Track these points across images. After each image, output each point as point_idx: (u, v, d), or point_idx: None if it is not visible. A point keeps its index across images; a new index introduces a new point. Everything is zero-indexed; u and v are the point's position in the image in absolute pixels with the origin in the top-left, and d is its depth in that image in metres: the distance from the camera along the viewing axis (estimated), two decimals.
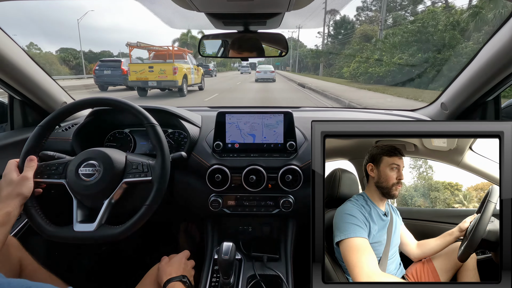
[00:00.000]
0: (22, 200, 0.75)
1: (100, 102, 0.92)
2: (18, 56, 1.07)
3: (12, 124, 1.28)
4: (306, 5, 0.83)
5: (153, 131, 0.86)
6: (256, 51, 1.05)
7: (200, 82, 13.10)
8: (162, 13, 1.16)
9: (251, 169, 1.04)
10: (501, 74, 0.95)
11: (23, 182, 0.76)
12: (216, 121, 1.10)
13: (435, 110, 1.34)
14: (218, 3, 0.78)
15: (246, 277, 0.98)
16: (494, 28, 0.90)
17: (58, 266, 1.00)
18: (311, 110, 1.67)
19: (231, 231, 1.18)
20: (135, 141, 1.25)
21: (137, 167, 0.84)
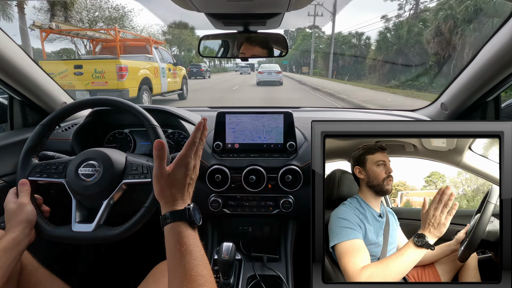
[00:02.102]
0: (27, 225, 0.74)
1: (101, 102, 0.92)
2: (18, 56, 1.07)
3: (12, 124, 1.28)
4: (306, 5, 0.83)
5: (153, 132, 0.86)
6: (256, 51, 1.05)
7: (180, 88, 8.95)
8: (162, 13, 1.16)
9: (251, 169, 1.04)
10: (501, 74, 0.95)
11: (20, 209, 0.75)
12: (216, 121, 1.10)
13: (435, 110, 1.34)
14: (218, 3, 0.78)
15: (246, 278, 0.98)
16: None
17: (57, 265, 1.01)
18: (311, 110, 1.67)
19: (231, 232, 1.18)
20: (135, 142, 1.25)
21: (137, 169, 0.84)
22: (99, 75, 6.12)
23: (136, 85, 6.56)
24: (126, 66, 6.21)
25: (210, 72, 25.25)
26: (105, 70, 6.11)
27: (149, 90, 7.09)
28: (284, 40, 1.03)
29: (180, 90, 9.04)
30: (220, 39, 1.06)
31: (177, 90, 8.89)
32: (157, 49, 8.03)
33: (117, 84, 6.13)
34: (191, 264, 0.56)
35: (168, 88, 8.19)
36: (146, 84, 6.96)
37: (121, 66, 6.12)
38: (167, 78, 8.11)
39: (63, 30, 7.39)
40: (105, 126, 1.25)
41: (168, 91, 8.29)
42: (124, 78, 6.16)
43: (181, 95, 9.22)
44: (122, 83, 6.15)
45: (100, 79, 6.13)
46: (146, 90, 6.95)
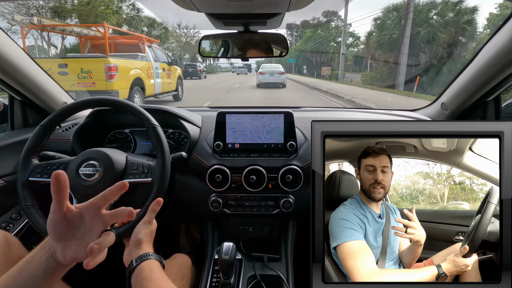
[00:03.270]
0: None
1: (101, 102, 0.92)
2: (18, 56, 1.07)
3: (13, 125, 1.28)
4: (306, 5, 0.83)
5: (154, 132, 0.86)
6: (257, 51, 1.05)
7: (174, 89, 8.42)
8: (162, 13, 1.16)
9: (252, 169, 1.04)
10: (501, 74, 0.95)
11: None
12: (217, 121, 1.10)
13: (435, 110, 1.34)
14: (218, 3, 0.78)
15: (246, 277, 0.98)
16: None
17: None
18: (311, 110, 1.67)
19: (231, 231, 1.18)
20: (136, 141, 1.25)
21: (137, 168, 0.85)
22: (86, 75, 5.57)
23: (127, 86, 6.04)
24: (115, 65, 5.64)
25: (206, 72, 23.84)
26: (92, 70, 5.55)
27: (141, 91, 6.58)
28: (284, 40, 1.03)
29: (175, 91, 8.53)
30: (220, 39, 1.06)
31: (171, 91, 8.35)
32: (151, 47, 7.52)
33: (106, 85, 5.58)
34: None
35: (162, 89, 7.65)
36: (138, 85, 6.44)
37: (110, 66, 5.55)
38: (161, 78, 7.57)
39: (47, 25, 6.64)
40: (106, 126, 1.25)
41: (162, 92, 7.77)
42: (113, 79, 5.61)
43: (176, 96, 8.72)
44: (111, 83, 5.58)
45: (86, 79, 5.59)
46: (138, 91, 6.43)
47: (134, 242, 0.70)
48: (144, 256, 0.66)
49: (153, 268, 0.63)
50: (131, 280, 0.64)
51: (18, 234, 1.10)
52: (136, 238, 0.70)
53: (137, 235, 0.71)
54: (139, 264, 0.64)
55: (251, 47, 1.04)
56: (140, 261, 0.65)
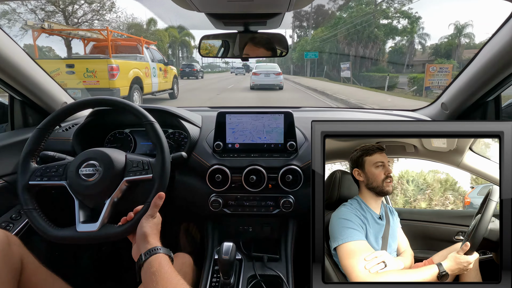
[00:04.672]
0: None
1: (100, 102, 0.92)
2: (18, 56, 1.07)
3: (13, 125, 1.28)
4: (306, 5, 0.83)
5: (151, 128, 0.86)
6: (257, 51, 1.05)
7: (170, 87, 9.02)
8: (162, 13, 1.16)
9: (252, 169, 1.04)
10: (502, 74, 0.95)
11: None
12: (217, 121, 1.10)
13: (436, 110, 1.34)
14: (218, 3, 0.78)
15: (246, 277, 0.98)
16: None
17: (58, 265, 1.01)
18: (311, 110, 1.67)
19: (231, 231, 1.18)
20: (136, 142, 1.25)
21: (137, 165, 0.84)
22: (91, 74, 6.18)
23: (127, 84, 6.63)
24: (117, 65, 6.29)
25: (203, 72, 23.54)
26: (96, 70, 6.19)
27: (140, 89, 7.13)
28: (284, 40, 1.03)
29: (171, 89, 9.07)
30: (220, 39, 1.06)
31: (168, 89, 8.91)
32: (148, 49, 8.15)
33: (109, 83, 6.20)
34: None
35: (159, 88, 8.22)
36: (137, 84, 7.01)
37: (113, 66, 6.19)
38: (158, 77, 8.15)
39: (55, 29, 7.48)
40: (106, 126, 1.25)
41: (159, 90, 8.34)
42: (115, 78, 6.23)
43: (172, 94, 9.26)
44: (113, 82, 6.22)
45: (91, 78, 6.19)
46: (137, 89, 7.00)
47: (140, 236, 0.72)
48: (153, 250, 0.67)
49: (162, 263, 0.64)
50: (141, 274, 0.65)
51: (18, 234, 1.10)
52: (141, 232, 0.72)
53: (142, 229, 0.72)
54: (148, 258, 0.66)
55: (251, 47, 1.04)
56: (149, 255, 0.66)
